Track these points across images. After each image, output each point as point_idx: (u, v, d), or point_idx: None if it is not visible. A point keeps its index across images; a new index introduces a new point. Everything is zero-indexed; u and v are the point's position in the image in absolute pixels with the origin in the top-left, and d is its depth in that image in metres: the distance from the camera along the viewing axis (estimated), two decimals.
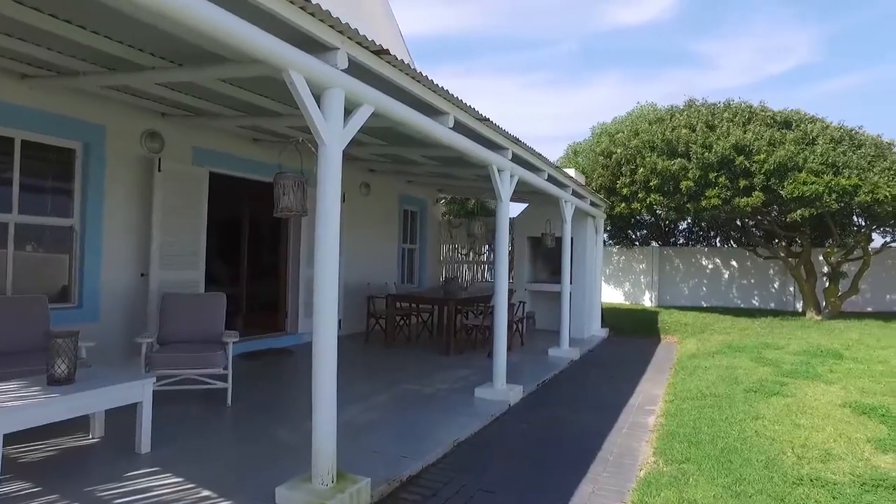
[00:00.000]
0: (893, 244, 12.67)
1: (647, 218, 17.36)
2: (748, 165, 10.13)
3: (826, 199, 9.56)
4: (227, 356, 5.27)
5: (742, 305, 14.80)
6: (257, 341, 8.13)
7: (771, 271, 14.65)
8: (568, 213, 8.72)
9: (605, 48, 55.95)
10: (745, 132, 10.45)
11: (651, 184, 11.17)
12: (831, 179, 9.55)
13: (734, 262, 15.12)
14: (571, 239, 9.60)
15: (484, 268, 12.94)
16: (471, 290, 10.74)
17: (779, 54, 46.53)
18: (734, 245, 15.89)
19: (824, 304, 11.99)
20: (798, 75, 46.94)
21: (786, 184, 9.84)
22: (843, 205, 9.70)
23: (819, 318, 11.55)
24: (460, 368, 7.34)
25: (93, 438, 4.13)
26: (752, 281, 14.85)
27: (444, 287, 9.37)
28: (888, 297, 13.98)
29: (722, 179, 10.38)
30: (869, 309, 13.56)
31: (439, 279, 13.01)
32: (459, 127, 5.22)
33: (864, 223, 11.59)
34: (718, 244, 17.04)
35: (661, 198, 11.09)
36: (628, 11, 49.37)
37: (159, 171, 6.36)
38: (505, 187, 6.16)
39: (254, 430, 4.58)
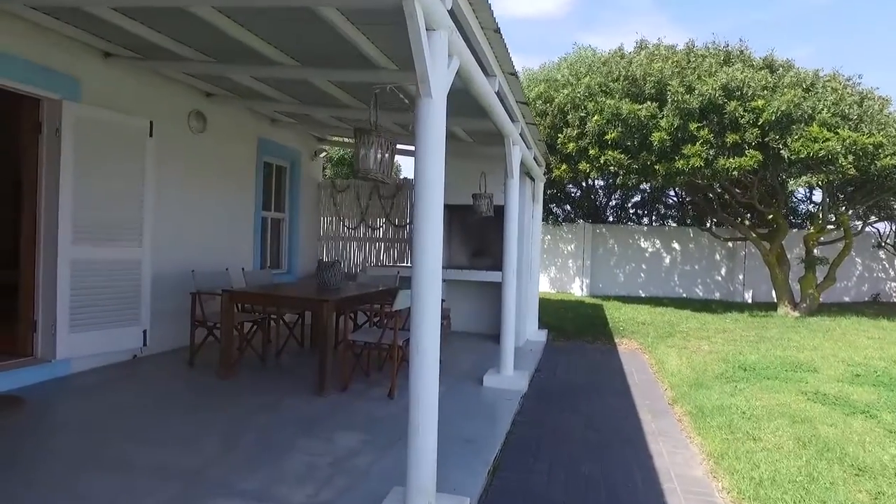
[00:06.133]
0: (877, 225, 10.90)
1: (573, 190, 14.80)
2: (741, 115, 7.50)
3: (842, 162, 7.15)
4: None
5: (684, 295, 12.62)
6: None
7: (717, 256, 12.57)
8: (516, 162, 5.50)
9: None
10: (734, 71, 7.82)
11: (608, 137, 8.28)
12: (849, 136, 7.15)
13: (676, 245, 12.88)
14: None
15: (379, 247, 9.50)
16: (362, 280, 7.30)
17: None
18: (673, 223, 13.73)
19: (799, 296, 9.88)
20: None
21: (791, 140, 7.32)
22: (860, 170, 7.36)
23: (796, 313, 9.40)
24: (342, 430, 3.92)
25: None
26: (697, 267, 12.70)
27: (318, 277, 5.81)
28: (839, 284, 12.39)
29: (704, 133, 7.69)
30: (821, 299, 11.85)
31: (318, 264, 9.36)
32: None
33: (842, 198, 9.57)
34: (654, 222, 14.84)
35: (622, 156, 8.24)
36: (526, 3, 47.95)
37: None
38: (438, 65, 2.72)
39: None
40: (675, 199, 14.16)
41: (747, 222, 10.29)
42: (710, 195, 10.26)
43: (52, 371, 4.84)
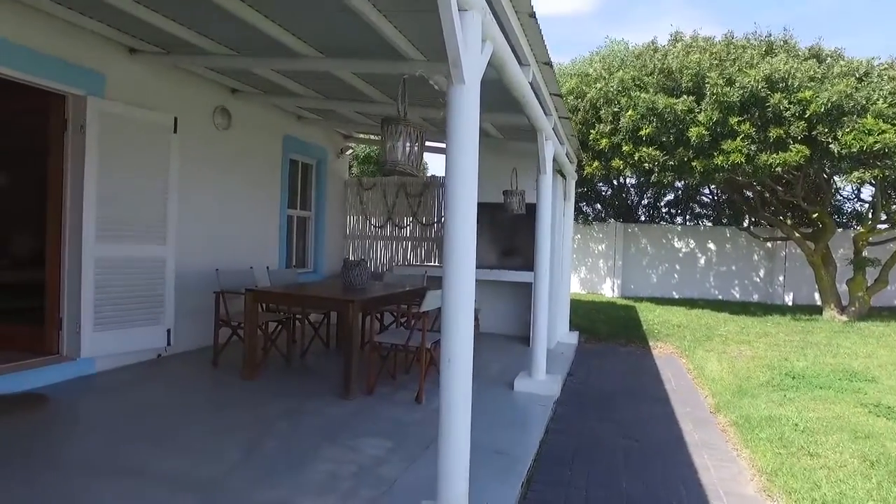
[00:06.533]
0: None
1: (603, 189, 14.43)
2: (785, 108, 7.11)
3: None
4: None
5: (720, 297, 12.16)
6: None
7: (755, 256, 12.08)
8: (548, 157, 5.26)
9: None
10: (778, 62, 7.42)
11: (642, 132, 7.96)
12: None
13: (711, 245, 12.42)
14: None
15: (406, 246, 9.34)
16: (388, 280, 7.13)
17: None
18: (708, 223, 13.25)
19: (847, 299, 9.38)
20: None
21: (841, 133, 6.90)
22: None
23: (844, 317, 8.92)
24: (367, 436, 3.73)
25: None
26: (734, 268, 12.22)
27: (343, 276, 5.66)
28: (891, 287, 11.75)
29: (745, 127, 7.32)
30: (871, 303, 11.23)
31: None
32: None
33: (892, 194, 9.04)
34: (688, 221, 14.36)
35: (658, 152, 7.90)
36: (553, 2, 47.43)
37: None
38: (470, 49, 2.51)
39: None
40: (709, 197, 13.69)
41: (789, 221, 9.81)
42: (749, 193, 9.82)
43: (77, 369, 4.78)
